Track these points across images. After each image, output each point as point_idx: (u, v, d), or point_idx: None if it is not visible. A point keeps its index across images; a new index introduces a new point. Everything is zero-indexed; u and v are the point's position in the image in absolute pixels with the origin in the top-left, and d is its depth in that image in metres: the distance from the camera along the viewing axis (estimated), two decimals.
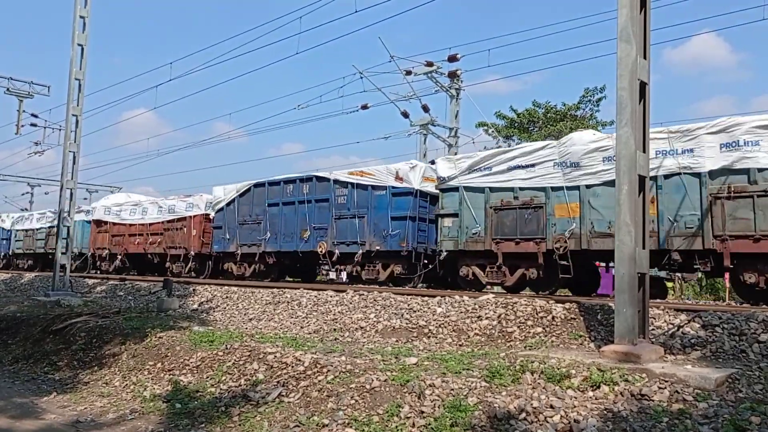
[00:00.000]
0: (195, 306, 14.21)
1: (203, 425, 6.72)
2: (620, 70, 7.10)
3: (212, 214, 20.64)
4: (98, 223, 26.15)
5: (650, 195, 8.45)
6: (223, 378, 7.92)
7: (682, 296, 19.88)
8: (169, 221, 22.28)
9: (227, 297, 14.36)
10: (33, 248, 30.66)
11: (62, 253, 17.11)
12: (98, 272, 25.05)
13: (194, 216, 21.45)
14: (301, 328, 11.00)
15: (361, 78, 24.99)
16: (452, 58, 24.10)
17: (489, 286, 13.54)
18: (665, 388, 5.71)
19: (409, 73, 24.94)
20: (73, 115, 17.33)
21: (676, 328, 7.58)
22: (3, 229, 34.07)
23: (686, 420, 5.08)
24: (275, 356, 7.97)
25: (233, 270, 19.81)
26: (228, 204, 19.81)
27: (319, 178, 17.38)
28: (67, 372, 10.03)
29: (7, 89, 28.26)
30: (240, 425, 6.57)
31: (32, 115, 32.88)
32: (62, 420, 7.34)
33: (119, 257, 24.66)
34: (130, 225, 24.33)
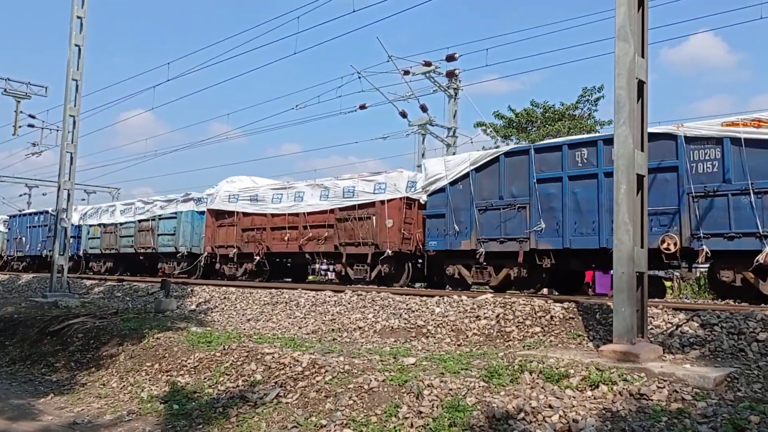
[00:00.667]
0: (193, 307, 14.19)
1: (201, 426, 6.70)
2: (618, 69, 7.08)
3: (423, 198, 14.75)
4: (218, 214, 20.12)
5: None
6: (221, 379, 7.90)
7: (681, 295, 19.86)
8: (344, 209, 16.25)
9: (225, 298, 14.33)
10: (116, 247, 24.96)
11: (60, 254, 17.06)
12: (222, 277, 19.87)
13: (389, 200, 15.28)
14: (300, 328, 10.98)
15: (359, 78, 24.98)
16: (450, 58, 24.07)
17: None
18: (664, 387, 5.69)
19: (407, 72, 24.91)
20: (70, 115, 17.28)
21: (674, 327, 7.56)
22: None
23: (685, 419, 5.07)
24: (273, 357, 7.94)
25: (471, 277, 13.60)
26: (454, 182, 13.78)
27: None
28: (65, 373, 10.00)
29: (5, 90, 28.15)
30: (238, 426, 6.55)
31: (30, 116, 32.79)
32: (59, 421, 7.32)
33: (258, 257, 18.35)
34: (274, 215, 18.16)
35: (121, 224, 24.72)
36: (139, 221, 23.69)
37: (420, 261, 15.29)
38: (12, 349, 11.65)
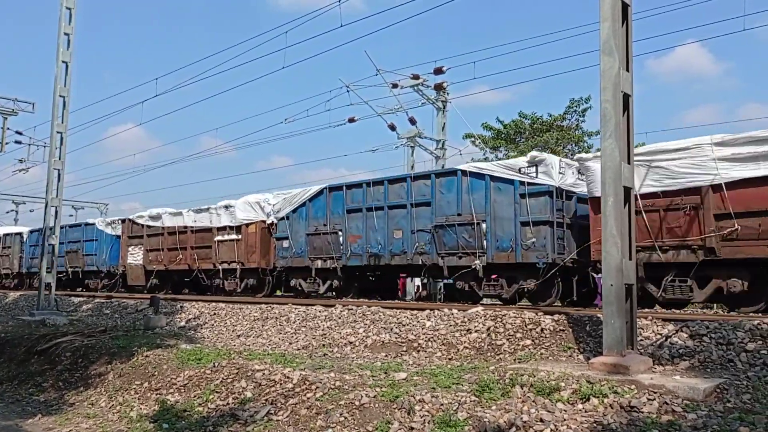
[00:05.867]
0: (182, 323, 14.09)
1: None
2: (603, 83, 7.15)
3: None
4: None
5: None
6: (211, 397, 7.84)
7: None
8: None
9: (215, 314, 14.25)
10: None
11: (47, 272, 16.93)
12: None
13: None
14: (290, 344, 10.92)
15: (348, 91, 25.02)
16: (438, 71, 24.17)
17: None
18: (654, 399, 5.70)
19: (395, 86, 24.99)
20: (57, 132, 17.22)
21: (664, 339, 7.59)
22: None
23: (676, 431, 5.08)
24: (263, 374, 7.90)
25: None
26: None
27: None
28: (53, 393, 9.90)
29: None
30: None
31: (17, 132, 32.61)
32: None
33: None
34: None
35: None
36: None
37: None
38: None
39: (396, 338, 9.83)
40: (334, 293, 16.21)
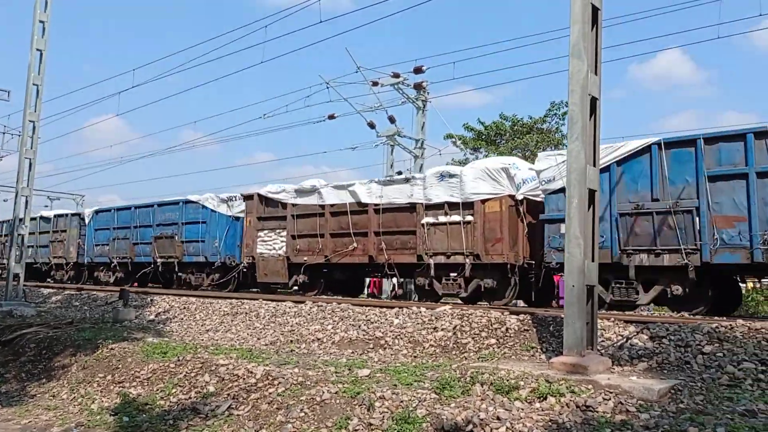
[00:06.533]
0: (152, 317, 13.98)
1: None
2: (572, 86, 7.21)
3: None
4: None
5: None
6: (174, 390, 7.80)
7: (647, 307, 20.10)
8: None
9: (185, 308, 14.15)
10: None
11: (16, 262, 16.69)
12: None
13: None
14: (258, 339, 10.88)
15: (328, 88, 24.96)
16: (418, 70, 24.20)
17: None
18: (610, 399, 5.78)
19: (375, 84, 24.96)
20: (30, 120, 16.98)
21: (624, 340, 7.68)
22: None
23: (628, 431, 5.15)
24: (227, 368, 7.87)
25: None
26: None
27: None
28: (15, 384, 9.77)
29: None
30: None
31: None
32: None
33: None
34: None
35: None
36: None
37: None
38: None
39: (363, 335, 9.85)
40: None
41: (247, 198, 17.52)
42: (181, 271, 19.94)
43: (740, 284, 12.72)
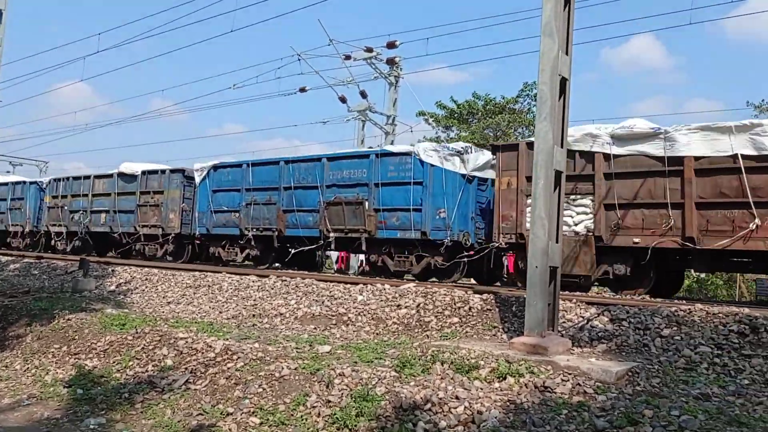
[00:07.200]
0: (112, 287, 13.71)
1: (103, 412, 6.46)
2: (542, 65, 7.14)
3: None
4: None
5: None
6: (130, 363, 7.65)
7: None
8: None
9: (147, 279, 13.91)
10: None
11: None
12: None
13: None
14: (220, 313, 10.74)
15: (299, 60, 24.59)
16: (391, 45, 23.96)
17: None
18: (568, 380, 5.80)
19: (348, 57, 24.69)
20: None
21: (585, 321, 7.74)
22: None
23: (584, 412, 5.17)
24: (186, 342, 7.74)
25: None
26: None
27: None
28: None
29: None
30: (142, 413, 6.35)
31: None
32: None
33: None
34: None
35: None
36: None
37: None
38: None
39: (327, 311, 9.78)
40: None
41: (506, 149, 12.54)
42: (371, 251, 14.54)
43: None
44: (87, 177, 22.30)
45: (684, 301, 9.83)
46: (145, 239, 19.48)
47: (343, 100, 25.54)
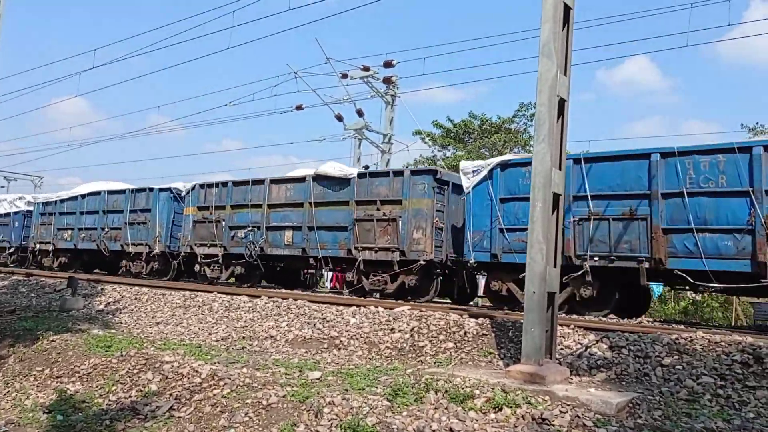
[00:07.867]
0: (101, 306, 13.43)
1: None
2: (540, 86, 7.00)
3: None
4: None
5: None
6: (114, 388, 7.39)
7: None
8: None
9: (136, 298, 13.63)
10: None
11: None
12: None
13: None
14: (209, 334, 10.48)
15: (296, 78, 24.47)
16: (388, 64, 23.88)
17: None
18: (567, 412, 5.57)
19: (345, 76, 24.60)
20: None
21: (584, 349, 7.51)
22: None
23: None
24: (172, 366, 7.50)
25: None
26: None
27: None
28: None
29: None
30: None
31: None
32: None
33: None
34: None
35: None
36: None
37: None
38: None
39: (318, 334, 9.53)
40: None
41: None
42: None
43: None
44: (259, 182, 16.17)
45: (683, 326, 9.63)
46: (365, 266, 13.75)
47: (339, 118, 25.45)
